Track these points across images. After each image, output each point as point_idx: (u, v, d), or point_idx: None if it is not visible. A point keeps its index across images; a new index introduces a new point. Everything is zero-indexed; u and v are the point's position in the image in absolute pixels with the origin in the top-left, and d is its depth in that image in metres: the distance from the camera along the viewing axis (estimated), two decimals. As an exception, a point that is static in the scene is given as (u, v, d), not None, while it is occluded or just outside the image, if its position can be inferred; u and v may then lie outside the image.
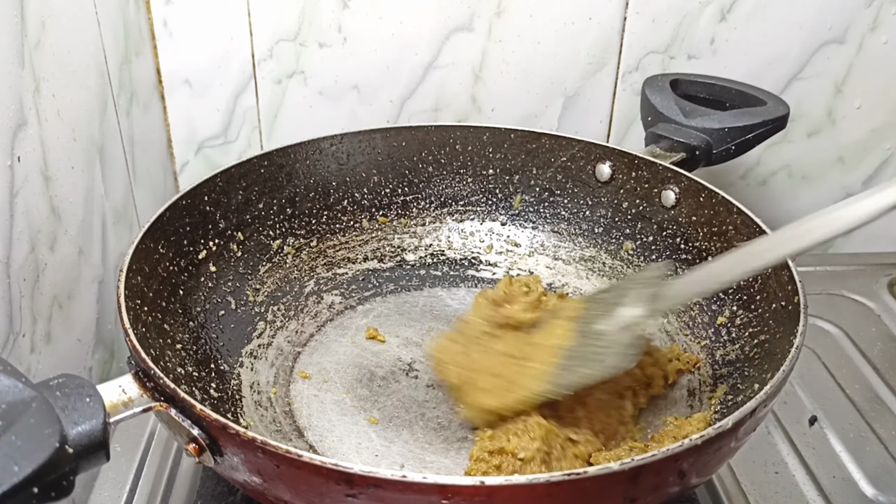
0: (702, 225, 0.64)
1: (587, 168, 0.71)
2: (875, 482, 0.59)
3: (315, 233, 0.71)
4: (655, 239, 0.68)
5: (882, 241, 0.93)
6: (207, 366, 0.57)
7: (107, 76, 0.68)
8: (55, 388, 0.38)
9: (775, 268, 0.55)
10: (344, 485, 0.38)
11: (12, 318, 0.54)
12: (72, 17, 0.61)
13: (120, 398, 0.42)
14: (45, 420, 0.34)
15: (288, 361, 0.62)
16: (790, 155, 0.88)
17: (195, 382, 0.54)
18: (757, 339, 0.55)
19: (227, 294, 0.63)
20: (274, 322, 0.65)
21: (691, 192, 0.65)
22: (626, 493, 0.40)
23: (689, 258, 0.65)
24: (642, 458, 0.38)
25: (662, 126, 0.72)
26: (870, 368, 0.70)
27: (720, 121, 0.70)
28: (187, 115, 0.83)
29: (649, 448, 0.49)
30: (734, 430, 0.41)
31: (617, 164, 0.69)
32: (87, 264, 0.65)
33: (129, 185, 0.73)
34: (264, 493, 0.42)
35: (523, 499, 0.37)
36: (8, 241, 0.53)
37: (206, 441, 0.41)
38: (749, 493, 0.58)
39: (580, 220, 0.72)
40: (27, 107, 0.54)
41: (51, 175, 0.58)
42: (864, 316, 0.77)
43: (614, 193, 0.70)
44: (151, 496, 0.57)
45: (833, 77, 0.84)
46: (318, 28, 0.79)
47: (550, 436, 0.51)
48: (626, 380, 0.57)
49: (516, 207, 0.75)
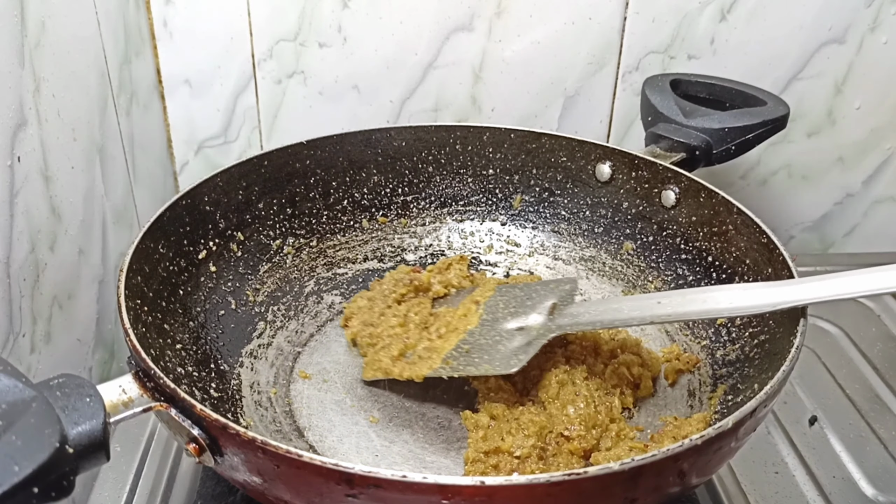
0: (702, 225, 0.64)
1: (587, 168, 0.71)
2: (875, 482, 0.59)
3: (315, 233, 0.71)
4: (655, 239, 0.68)
5: (882, 241, 0.93)
6: (207, 366, 0.57)
7: (107, 76, 0.68)
8: (55, 387, 0.38)
9: (776, 268, 0.55)
10: (344, 485, 0.38)
11: (12, 318, 0.54)
12: (72, 17, 0.61)
13: (120, 398, 0.42)
14: (45, 420, 0.34)
15: (288, 361, 0.62)
16: (790, 155, 0.88)
17: (195, 382, 0.54)
18: (757, 340, 0.55)
19: (227, 294, 0.63)
20: (274, 322, 0.65)
21: (691, 192, 0.65)
22: (625, 493, 0.40)
23: (689, 258, 0.65)
24: (642, 458, 0.38)
25: (662, 126, 0.72)
26: (870, 368, 0.70)
27: (720, 121, 0.70)
28: (187, 115, 0.83)
29: (649, 448, 0.49)
30: (734, 431, 0.41)
31: (617, 164, 0.69)
32: (87, 264, 0.65)
33: (129, 185, 0.73)
34: (264, 493, 0.42)
35: (523, 499, 0.37)
36: (8, 241, 0.53)
37: (207, 441, 0.41)
38: (749, 493, 0.58)
39: (580, 221, 0.72)
40: (27, 107, 0.54)
41: (51, 175, 0.58)
42: (864, 316, 0.77)
43: (614, 193, 0.70)
44: (151, 496, 0.57)
45: (833, 77, 0.84)
46: (318, 28, 0.79)
47: (544, 432, 0.51)
48: (612, 378, 0.57)
49: (516, 207, 0.75)
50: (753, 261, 0.58)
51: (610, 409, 0.54)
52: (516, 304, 0.60)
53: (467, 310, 0.61)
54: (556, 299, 0.58)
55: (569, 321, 0.56)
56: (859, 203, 0.91)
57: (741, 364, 0.55)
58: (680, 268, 0.66)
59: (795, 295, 0.48)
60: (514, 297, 0.61)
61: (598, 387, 0.56)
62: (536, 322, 0.57)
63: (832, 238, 0.94)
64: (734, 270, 0.60)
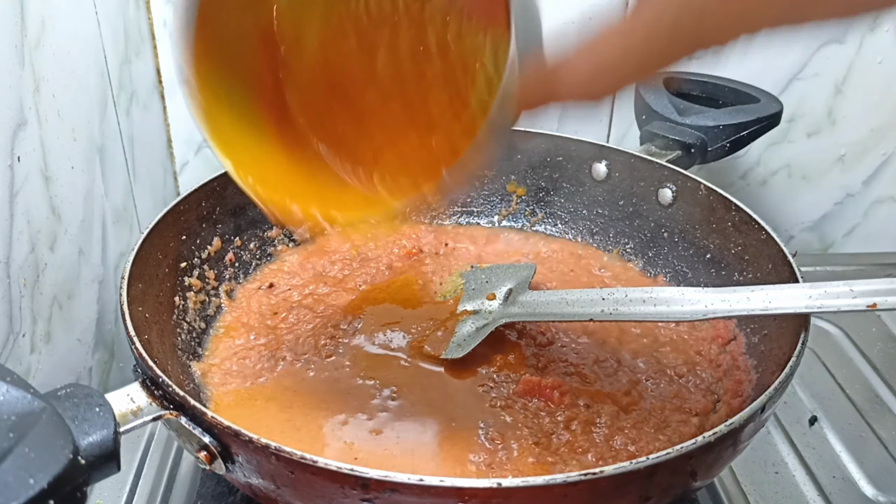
0: (699, 222, 0.64)
1: (583, 167, 0.71)
2: (875, 482, 0.59)
3: (314, 234, 0.71)
4: (653, 236, 0.68)
5: (882, 241, 0.93)
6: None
7: (107, 76, 0.68)
8: (64, 398, 0.37)
9: (777, 269, 0.55)
10: (360, 489, 0.37)
11: (12, 318, 0.54)
12: (72, 17, 0.61)
13: (129, 407, 0.42)
14: (56, 431, 0.33)
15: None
16: (790, 155, 0.88)
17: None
18: (759, 337, 0.55)
19: (227, 297, 0.64)
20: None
21: (688, 190, 0.65)
22: (640, 492, 0.40)
23: (686, 255, 0.65)
24: (657, 456, 0.38)
25: (657, 124, 0.72)
26: (870, 368, 0.70)
27: (714, 118, 0.71)
28: (187, 115, 0.83)
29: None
30: (743, 428, 0.42)
31: (613, 162, 0.69)
32: (87, 264, 0.65)
33: (129, 185, 0.73)
34: (277, 499, 0.42)
35: (540, 499, 0.37)
36: (8, 241, 0.53)
37: (218, 448, 0.41)
38: (749, 493, 0.57)
39: (577, 219, 0.72)
40: (27, 107, 0.54)
41: (51, 175, 0.58)
42: (864, 316, 0.77)
43: (611, 192, 0.70)
44: (151, 496, 0.57)
45: (833, 77, 0.84)
46: (317, 28, 0.79)
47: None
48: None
49: (514, 207, 0.75)
50: (753, 257, 0.58)
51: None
52: (476, 286, 0.62)
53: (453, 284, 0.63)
54: (513, 284, 0.60)
55: (519, 310, 0.58)
56: (859, 203, 0.91)
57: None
58: (679, 265, 0.66)
59: (727, 305, 0.49)
60: (477, 278, 0.63)
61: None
62: (491, 307, 0.59)
63: (832, 238, 0.94)
64: (734, 267, 0.60)
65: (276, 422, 0.52)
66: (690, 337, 0.60)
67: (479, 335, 0.57)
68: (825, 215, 0.92)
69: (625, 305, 0.53)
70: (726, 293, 0.50)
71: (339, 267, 0.68)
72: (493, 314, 0.59)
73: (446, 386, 0.55)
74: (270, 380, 0.56)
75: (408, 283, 0.66)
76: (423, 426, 0.52)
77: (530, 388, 0.53)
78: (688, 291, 0.51)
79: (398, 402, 0.53)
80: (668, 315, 0.51)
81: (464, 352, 0.56)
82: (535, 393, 0.53)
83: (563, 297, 0.56)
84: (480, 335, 0.57)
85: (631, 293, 0.53)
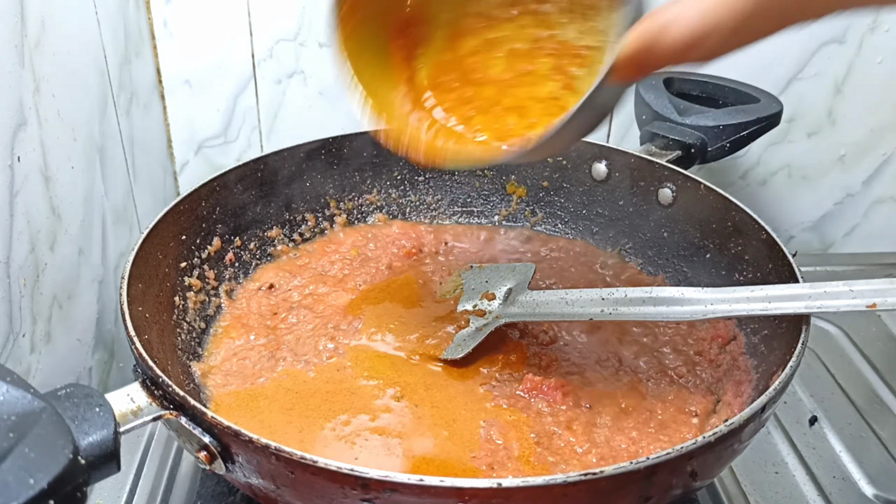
0: (699, 222, 0.64)
1: (583, 167, 0.71)
2: (875, 482, 0.59)
3: (314, 235, 0.71)
4: (653, 236, 0.68)
5: (882, 241, 0.93)
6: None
7: (107, 76, 0.68)
8: (63, 398, 0.37)
9: (777, 269, 0.55)
10: (360, 490, 0.37)
11: (12, 318, 0.54)
12: (72, 17, 0.61)
13: (129, 407, 0.42)
14: (56, 431, 0.33)
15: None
16: (790, 155, 0.88)
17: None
18: (759, 337, 0.55)
19: (227, 297, 0.64)
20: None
21: (688, 190, 0.65)
22: (641, 492, 0.40)
23: (686, 255, 0.65)
24: (657, 456, 0.38)
25: (657, 124, 0.72)
26: (870, 368, 0.70)
27: (714, 118, 0.71)
28: (187, 115, 0.83)
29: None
30: (743, 428, 0.42)
31: (613, 162, 0.69)
32: (87, 264, 0.65)
33: (129, 185, 0.73)
34: (277, 499, 0.42)
35: (540, 499, 0.37)
36: (8, 241, 0.53)
37: (218, 448, 0.41)
38: (749, 493, 0.58)
39: (577, 219, 0.72)
40: (27, 107, 0.54)
41: (51, 175, 0.58)
42: (864, 316, 0.77)
43: (611, 192, 0.70)
44: (151, 496, 0.57)
45: (833, 77, 0.84)
46: (318, 28, 0.79)
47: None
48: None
49: (514, 207, 0.75)
50: (753, 257, 0.58)
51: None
52: (476, 286, 0.62)
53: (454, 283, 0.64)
54: (512, 284, 0.60)
55: (519, 310, 0.58)
56: (859, 203, 0.91)
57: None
58: (679, 265, 0.66)
59: (728, 307, 0.50)
60: (477, 277, 0.63)
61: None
62: (490, 307, 0.60)
63: (832, 238, 0.94)
64: (734, 267, 0.60)
65: (277, 422, 0.52)
66: (690, 337, 0.60)
67: (479, 335, 0.57)
68: (825, 215, 0.92)
69: (625, 305, 0.53)
70: (726, 293, 0.50)
71: (339, 267, 0.68)
72: (493, 314, 0.59)
73: (448, 385, 0.55)
74: (270, 380, 0.56)
75: (408, 283, 0.66)
76: (425, 426, 0.52)
77: (532, 387, 0.54)
78: (688, 291, 0.51)
79: (401, 402, 0.53)
80: (668, 315, 0.51)
81: (464, 352, 0.56)
82: (537, 392, 0.53)
83: (563, 296, 0.56)
84: (480, 335, 0.57)
85: (631, 293, 0.53)
